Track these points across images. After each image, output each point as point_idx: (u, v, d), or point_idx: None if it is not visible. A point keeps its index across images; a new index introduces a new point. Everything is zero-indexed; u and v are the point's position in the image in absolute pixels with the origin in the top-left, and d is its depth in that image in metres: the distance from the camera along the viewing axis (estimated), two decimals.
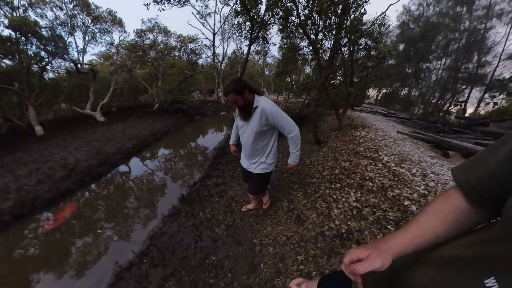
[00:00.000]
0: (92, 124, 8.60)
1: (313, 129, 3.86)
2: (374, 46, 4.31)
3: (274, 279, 1.44)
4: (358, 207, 1.89)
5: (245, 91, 1.37)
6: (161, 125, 9.00)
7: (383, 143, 3.50)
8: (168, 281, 1.67)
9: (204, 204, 2.66)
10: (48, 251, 2.51)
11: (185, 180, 4.23)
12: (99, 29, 10.66)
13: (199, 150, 6.55)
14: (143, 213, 3.21)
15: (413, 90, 17.63)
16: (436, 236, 0.41)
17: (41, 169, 4.29)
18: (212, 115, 13.51)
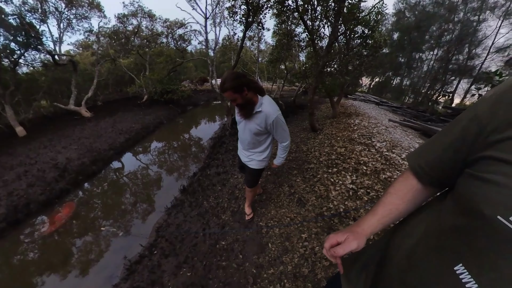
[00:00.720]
0: (78, 120, 8.18)
1: (310, 116, 3.94)
2: (370, 34, 4.31)
3: (282, 256, 1.59)
4: (354, 189, 2.04)
5: (244, 89, 1.23)
6: (152, 117, 8.73)
7: (376, 130, 3.67)
8: (182, 269, 1.73)
9: (207, 193, 2.73)
10: (51, 253, 2.46)
11: (184, 171, 4.25)
12: (75, 15, 9.73)
13: (194, 141, 6.52)
14: (144, 207, 3.22)
15: (405, 79, 17.97)
16: (399, 213, 0.48)
17: (30, 171, 4.10)
18: (204, 105, 13.25)
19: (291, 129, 5.05)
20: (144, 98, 11.07)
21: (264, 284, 1.45)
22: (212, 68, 6.79)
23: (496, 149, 0.30)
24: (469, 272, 0.31)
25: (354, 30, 4.30)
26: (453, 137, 0.38)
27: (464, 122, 0.37)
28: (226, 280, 1.55)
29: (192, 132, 7.68)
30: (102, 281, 2.02)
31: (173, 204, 2.83)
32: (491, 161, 0.31)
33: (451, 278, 0.33)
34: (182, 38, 11.47)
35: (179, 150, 5.80)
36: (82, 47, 14.28)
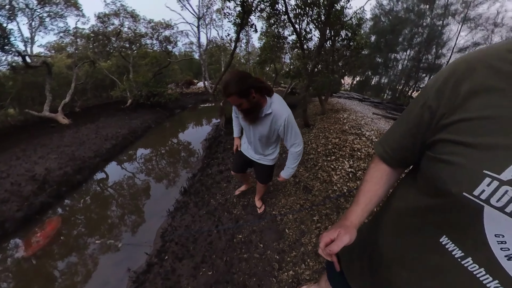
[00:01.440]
0: (56, 128, 7.48)
1: (304, 113, 4.17)
2: (353, 37, 4.72)
3: (301, 238, 1.72)
4: (353, 172, 2.26)
5: (251, 92, 1.07)
6: (139, 122, 8.38)
7: (363, 122, 4.00)
8: (201, 269, 1.66)
9: (213, 191, 2.74)
10: (39, 275, 2.15)
11: (181, 174, 4.18)
12: (49, 13, 9.04)
13: (188, 144, 6.44)
14: (142, 214, 3.03)
15: (383, 78, 19.51)
16: (378, 197, 0.51)
17: (1, 186, 3.64)
18: (192, 108, 13.06)
19: None
20: (128, 102, 10.59)
21: (289, 267, 1.54)
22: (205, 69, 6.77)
23: (447, 132, 0.33)
24: (453, 241, 0.34)
25: (339, 33, 4.68)
26: (409, 125, 0.42)
27: (416, 110, 0.40)
28: (251, 271, 1.56)
29: (184, 134, 7.56)
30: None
31: (175, 207, 2.73)
32: (445, 143, 0.34)
33: (439, 249, 0.36)
34: (168, 40, 11.17)
35: (172, 154, 5.69)
36: (54, 50, 13.22)
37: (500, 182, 0.27)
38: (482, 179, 0.29)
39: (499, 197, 0.28)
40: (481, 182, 0.29)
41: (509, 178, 0.27)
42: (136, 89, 10.33)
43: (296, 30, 4.12)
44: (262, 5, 4.23)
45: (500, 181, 0.27)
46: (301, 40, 4.27)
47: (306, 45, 5.15)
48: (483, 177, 0.29)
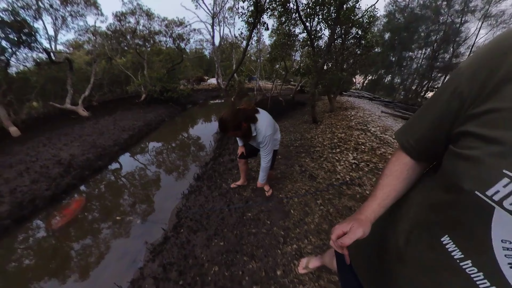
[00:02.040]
0: (76, 120, 8.06)
1: (312, 109, 4.31)
2: (364, 35, 4.74)
3: (305, 218, 1.91)
4: (356, 163, 2.41)
5: (242, 125, 1.46)
6: (153, 115, 8.81)
7: (370, 119, 4.09)
8: (213, 240, 1.83)
9: (225, 177, 2.98)
10: (67, 245, 2.42)
11: (194, 163, 4.44)
12: (70, 12, 9.62)
13: (200, 136, 6.71)
14: (159, 196, 3.29)
15: (396, 77, 18.86)
16: (397, 193, 0.48)
17: (32, 168, 4.04)
18: (203, 104, 13.42)
19: (293, 121, 5.42)
20: (142, 97, 11.10)
21: (293, 241, 1.73)
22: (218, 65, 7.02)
23: (473, 124, 0.30)
24: (454, 242, 0.32)
25: (349, 31, 4.73)
26: (435, 114, 0.38)
27: (445, 96, 0.36)
28: (258, 243, 1.75)
29: (196, 128, 7.88)
30: (125, 267, 2.01)
31: (189, 191, 2.95)
32: (469, 136, 0.30)
33: (439, 249, 0.34)
34: (181, 37, 11.51)
35: (185, 145, 6.00)
36: (72, 47, 13.97)
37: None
38: (500, 178, 0.26)
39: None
40: (497, 182, 0.26)
41: None
42: (150, 84, 10.80)
43: (307, 28, 4.24)
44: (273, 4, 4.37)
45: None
46: (312, 38, 4.38)
47: (317, 43, 5.25)
48: (501, 177, 0.26)
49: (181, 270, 1.66)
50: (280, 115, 6.45)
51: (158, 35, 11.73)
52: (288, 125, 5.08)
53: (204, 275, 1.60)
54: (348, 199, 1.99)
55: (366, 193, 2.01)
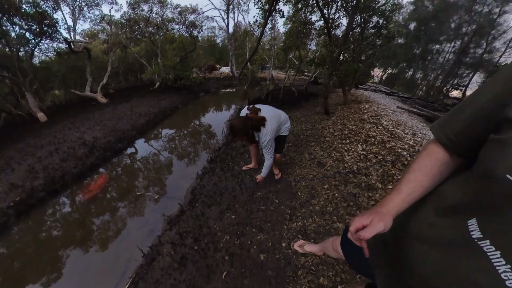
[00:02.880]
0: (96, 106, 8.52)
1: (325, 100, 4.31)
2: (385, 24, 4.48)
3: (310, 200, 2.05)
4: (364, 154, 2.48)
5: (248, 132, 1.72)
6: (167, 102, 9.11)
7: (384, 113, 4.02)
8: (226, 214, 2.04)
9: (237, 160, 3.16)
10: (93, 216, 2.70)
11: (207, 148, 4.66)
12: (87, 2, 9.82)
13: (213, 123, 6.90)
14: (174, 176, 3.55)
15: (419, 72, 17.48)
16: (424, 189, 0.46)
17: (60, 149, 4.41)
18: (215, 92, 13.57)
19: (305, 112, 5.43)
20: (157, 84, 11.40)
21: (298, 219, 1.90)
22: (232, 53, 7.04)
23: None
24: (478, 224, 0.33)
25: (369, 20, 4.50)
26: (482, 103, 0.37)
27: (494, 85, 0.35)
28: (266, 218, 1.94)
29: (209, 115, 8.09)
30: (145, 235, 2.24)
31: (203, 172, 3.09)
32: (509, 122, 0.30)
33: (461, 229, 0.35)
34: (194, 25, 11.46)
35: (199, 131, 6.24)
36: (88, 37, 14.37)
37: None
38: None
39: None
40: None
41: None
42: (164, 72, 11.02)
43: (324, 16, 4.11)
44: None
45: None
46: (329, 26, 4.25)
47: (334, 32, 5.07)
48: None
49: (196, 237, 1.88)
50: (292, 105, 6.48)
51: (171, 22, 11.67)
52: (300, 116, 5.11)
53: (216, 242, 1.81)
54: (353, 187, 2.09)
55: (372, 183, 2.09)
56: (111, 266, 1.98)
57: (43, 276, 2.01)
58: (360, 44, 4.68)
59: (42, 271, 2.06)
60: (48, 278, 2.00)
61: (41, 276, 2.01)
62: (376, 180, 2.11)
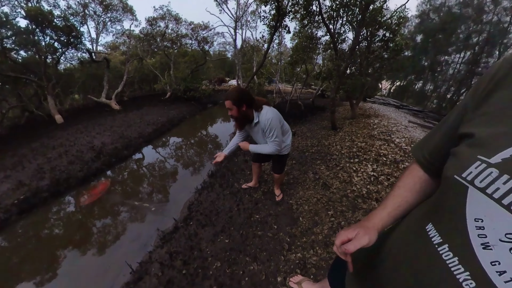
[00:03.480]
0: (109, 112, 8.91)
1: (332, 114, 4.16)
2: (392, 38, 4.44)
3: (313, 228, 1.84)
4: (375, 175, 2.26)
5: (243, 105, 1.43)
6: (176, 112, 9.34)
7: (395, 129, 3.80)
8: (219, 236, 1.89)
9: (237, 177, 3.02)
10: (88, 222, 2.70)
11: (210, 160, 4.58)
12: (110, 18, 10.75)
13: (217, 135, 6.91)
14: (174, 188, 3.49)
15: (428, 84, 17.19)
16: (409, 205, 0.48)
17: (69, 151, 4.57)
18: (223, 104, 13.76)
19: (311, 127, 5.28)
20: (168, 94, 11.83)
21: (298, 250, 1.69)
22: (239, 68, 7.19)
23: (467, 126, 0.34)
24: (435, 227, 0.35)
25: (375, 34, 4.46)
26: (447, 124, 0.42)
27: (457, 110, 0.40)
28: (263, 246, 1.75)
29: (214, 126, 8.13)
30: (137, 248, 2.18)
31: (202, 186, 2.97)
32: (463, 137, 0.34)
33: (422, 237, 0.36)
34: (205, 40, 12.04)
35: (202, 142, 6.22)
36: (110, 48, 15.51)
37: (488, 165, 0.28)
38: (474, 162, 0.29)
39: (483, 178, 0.28)
40: (471, 165, 0.30)
41: (498, 161, 0.27)
42: (175, 83, 11.48)
43: (330, 31, 4.11)
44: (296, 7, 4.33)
45: (488, 164, 0.28)
46: (335, 40, 4.22)
47: (340, 46, 5.06)
48: (475, 161, 0.29)
49: (186, 260, 1.74)
50: (298, 119, 6.36)
51: (184, 38, 12.40)
52: (306, 130, 4.96)
53: (206, 268, 1.65)
54: (362, 214, 1.87)
55: None
56: (100, 278, 1.94)
57: (32, 276, 2.03)
58: (367, 57, 4.60)
59: (32, 271, 2.09)
60: (37, 279, 2.01)
61: (30, 276, 2.04)
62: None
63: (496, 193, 0.27)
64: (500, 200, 0.27)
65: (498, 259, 0.27)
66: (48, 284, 1.98)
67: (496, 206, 0.27)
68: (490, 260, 0.27)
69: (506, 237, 0.26)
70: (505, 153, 0.27)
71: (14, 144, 5.46)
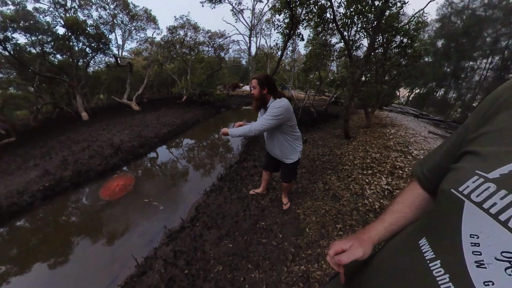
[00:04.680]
0: (129, 112, 9.55)
1: (345, 123, 4.05)
2: (410, 44, 4.26)
3: (319, 241, 1.78)
4: (389, 189, 2.14)
5: (265, 88, 1.56)
6: (191, 115, 9.64)
7: (413, 139, 3.59)
8: (223, 240, 1.88)
9: (246, 182, 3.02)
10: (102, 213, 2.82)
11: (220, 163, 4.61)
12: (135, 27, 11.75)
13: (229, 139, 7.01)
14: (184, 189, 3.54)
15: (451, 91, 16.12)
16: (407, 221, 0.48)
17: (91, 146, 4.87)
18: (236, 109, 14.04)
19: (324, 135, 5.18)
20: (184, 98, 12.35)
21: (302, 262, 1.64)
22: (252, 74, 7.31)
23: (470, 145, 0.35)
24: (428, 242, 0.34)
25: (392, 40, 4.31)
26: (449, 143, 0.43)
27: (458, 130, 0.41)
28: (266, 255, 1.72)
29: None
30: (143, 244, 2.23)
31: (211, 189, 3.01)
32: (464, 155, 0.35)
33: (415, 251, 0.36)
34: (221, 47, 12.51)
35: (214, 145, 6.32)
36: (134, 54, 16.70)
37: (485, 179, 0.28)
38: (471, 177, 0.30)
39: (479, 193, 0.28)
40: (469, 179, 0.30)
41: (495, 176, 0.27)
42: (191, 87, 11.99)
43: (344, 38, 4.06)
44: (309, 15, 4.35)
45: (485, 178, 0.28)
46: (349, 47, 4.15)
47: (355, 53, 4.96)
48: (473, 176, 0.30)
49: (189, 260, 1.77)
50: (311, 127, 6.26)
51: (202, 45, 13.02)
52: (318, 138, 4.86)
53: (207, 271, 1.65)
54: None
55: None
56: (106, 267, 2.03)
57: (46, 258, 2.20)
58: (383, 64, 4.46)
59: (47, 253, 2.25)
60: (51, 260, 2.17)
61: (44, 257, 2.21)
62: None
63: (492, 208, 0.26)
64: (497, 215, 0.26)
65: (491, 279, 0.25)
66: (59, 267, 2.11)
67: (493, 222, 0.26)
68: (483, 280, 0.26)
69: (502, 256, 0.25)
70: (504, 169, 0.27)
71: (45, 137, 6.07)
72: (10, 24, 6.46)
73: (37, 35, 7.16)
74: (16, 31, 6.74)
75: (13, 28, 6.60)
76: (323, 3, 4.11)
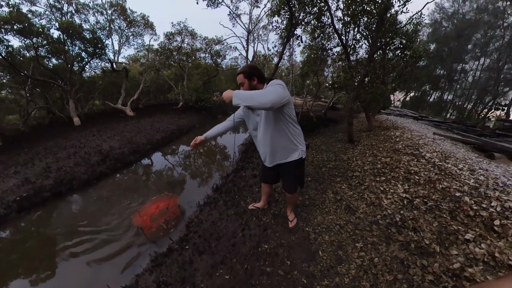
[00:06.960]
0: (123, 118, 9.32)
1: (349, 126, 3.85)
2: (409, 45, 4.22)
3: (337, 266, 1.45)
4: (408, 198, 1.88)
5: (254, 78, 1.36)
6: (186, 121, 9.43)
7: (422, 142, 3.38)
8: (218, 269, 1.56)
9: (245, 194, 2.70)
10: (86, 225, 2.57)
11: (215, 172, 4.34)
12: (132, 32, 11.61)
13: (225, 146, 6.75)
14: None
15: (446, 93, 16.47)
16: None
17: (78, 153, 4.60)
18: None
19: (325, 139, 4.96)
20: (180, 104, 12.14)
21: None
22: None
23: None
24: None
25: (390, 42, 4.26)
26: None
27: None
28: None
29: (223, 137, 7.98)
30: (126, 266, 1.99)
31: (205, 202, 2.71)
32: None
33: None
34: (218, 54, 12.48)
35: (209, 153, 6.03)
36: (131, 60, 16.59)
37: None
38: None
39: None
40: None
41: None
42: (187, 93, 11.81)
43: (342, 41, 3.96)
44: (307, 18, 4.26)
45: None
46: (348, 51, 4.06)
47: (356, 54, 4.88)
48: None
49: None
50: (311, 131, 6.11)
51: (199, 51, 13.00)
52: (320, 143, 4.63)
53: None
54: (399, 248, 1.48)
55: (425, 243, 1.47)
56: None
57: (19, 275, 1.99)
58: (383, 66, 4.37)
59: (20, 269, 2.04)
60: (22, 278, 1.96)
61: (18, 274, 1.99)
62: (431, 239, 1.49)
63: None
64: None
65: None
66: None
67: None
68: None
69: None
70: None
71: (32, 142, 5.72)
72: (3, 26, 6.22)
73: (31, 38, 6.92)
74: (8, 32, 6.51)
75: (6, 30, 6.36)
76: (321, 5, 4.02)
